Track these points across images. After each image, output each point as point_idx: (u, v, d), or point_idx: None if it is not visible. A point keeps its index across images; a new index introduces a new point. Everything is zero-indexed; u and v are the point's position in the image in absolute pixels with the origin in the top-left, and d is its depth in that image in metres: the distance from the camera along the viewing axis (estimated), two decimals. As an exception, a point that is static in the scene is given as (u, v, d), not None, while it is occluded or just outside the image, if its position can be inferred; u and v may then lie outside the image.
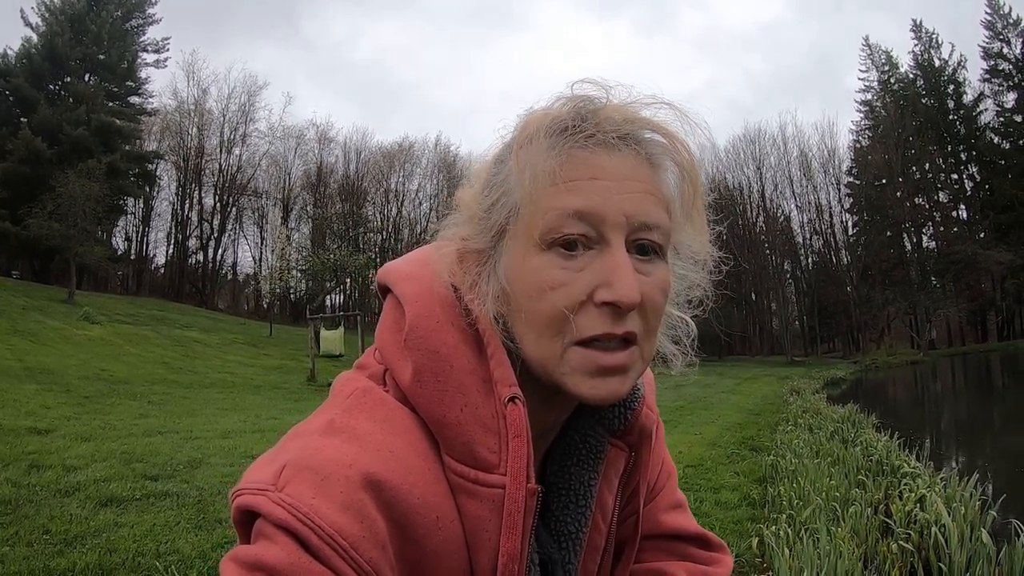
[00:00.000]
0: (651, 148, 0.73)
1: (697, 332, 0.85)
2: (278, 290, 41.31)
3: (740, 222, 64.11)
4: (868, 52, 65.58)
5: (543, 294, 0.69)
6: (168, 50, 53.51)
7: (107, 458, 6.93)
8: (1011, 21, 56.85)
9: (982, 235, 56.46)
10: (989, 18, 57.83)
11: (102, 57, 46.60)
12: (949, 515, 4.77)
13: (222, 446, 8.15)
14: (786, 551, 4.12)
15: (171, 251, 59.79)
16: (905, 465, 7.11)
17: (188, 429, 9.32)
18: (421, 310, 0.74)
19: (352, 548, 0.59)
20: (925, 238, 61.96)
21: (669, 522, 0.99)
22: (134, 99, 51.12)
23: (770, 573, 4.12)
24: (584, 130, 0.70)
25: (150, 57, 52.63)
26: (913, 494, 5.67)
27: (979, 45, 58.81)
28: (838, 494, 5.85)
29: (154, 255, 61.05)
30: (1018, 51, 56.69)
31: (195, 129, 58.62)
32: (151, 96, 53.45)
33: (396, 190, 65.61)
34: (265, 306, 47.97)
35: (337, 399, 0.74)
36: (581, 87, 0.74)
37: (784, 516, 5.27)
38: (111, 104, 47.58)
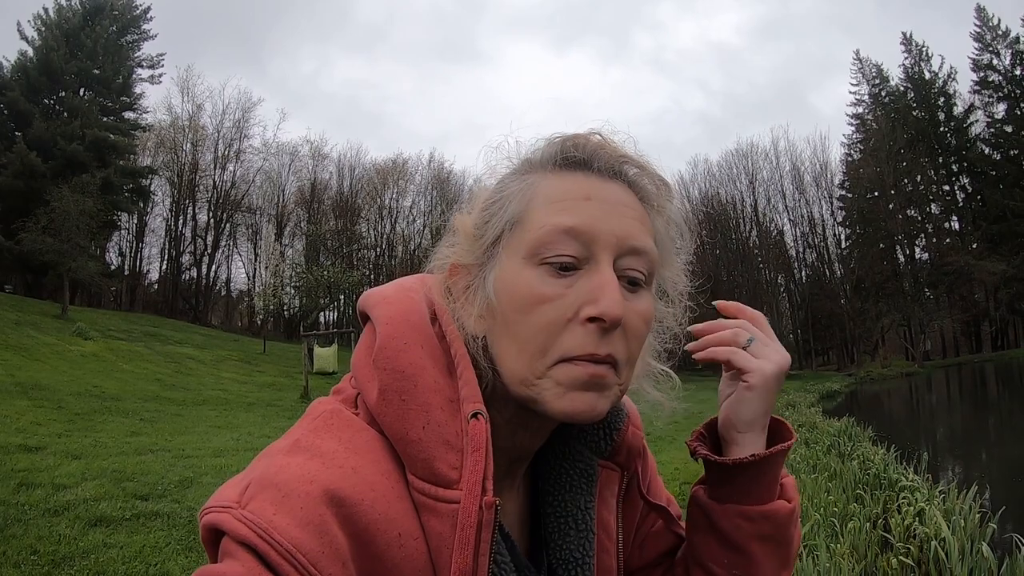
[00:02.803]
0: (640, 184, 0.78)
1: (680, 383, 0.88)
2: (272, 307, 41.20)
3: (733, 236, 64.41)
4: (859, 65, 66.21)
5: (532, 308, 0.71)
6: (163, 66, 53.60)
7: (97, 477, 6.86)
8: (1000, 33, 57.44)
9: (975, 246, 56.79)
10: (978, 30, 58.43)
11: (97, 72, 46.55)
12: (949, 528, 4.74)
13: (214, 465, 8.08)
14: (785, 568, 4.07)
15: (165, 267, 59.66)
16: (903, 478, 7.11)
17: (180, 447, 9.24)
18: (391, 331, 0.74)
19: (311, 564, 0.59)
20: (918, 250, 62.38)
21: None
22: (128, 114, 51.04)
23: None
24: (582, 159, 0.76)
25: (145, 72, 52.64)
26: (912, 508, 5.66)
27: (969, 57, 59.44)
28: (836, 509, 5.84)
29: (148, 271, 60.88)
30: (1007, 62, 57.26)
31: (189, 145, 58.61)
32: (145, 111, 53.36)
33: (390, 207, 65.70)
34: (259, 322, 47.93)
35: (305, 420, 0.74)
36: (575, 131, 0.79)
37: (783, 532, 5.22)
38: (106, 119, 47.44)
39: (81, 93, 46.54)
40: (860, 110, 66.22)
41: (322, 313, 55.53)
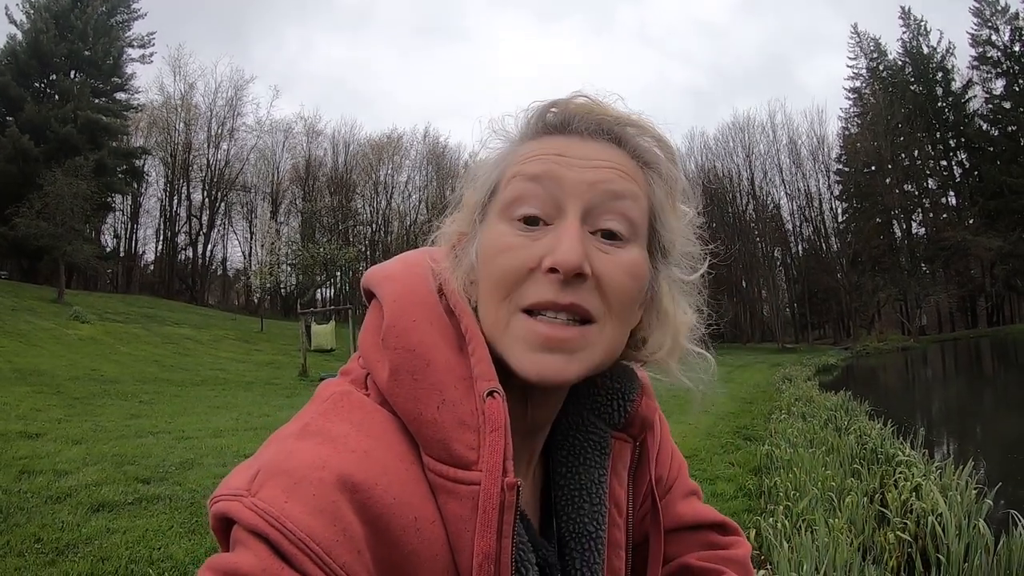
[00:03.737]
0: (632, 142, 0.76)
1: (716, 367, 0.86)
2: (268, 285, 41.16)
3: (730, 210, 64.37)
4: (857, 39, 65.80)
5: (496, 256, 0.71)
6: (153, 45, 53.25)
7: (99, 461, 6.87)
8: (999, 8, 57.04)
9: (971, 221, 56.80)
10: (977, 5, 58.02)
11: (87, 53, 46.14)
12: (946, 504, 4.78)
13: (214, 445, 8.09)
14: (784, 544, 4.12)
15: (160, 248, 59.74)
16: (900, 453, 7.15)
17: (180, 429, 9.25)
18: (399, 309, 0.73)
19: (325, 553, 0.58)
20: (915, 225, 62.53)
21: (686, 512, 0.99)
22: (120, 95, 50.65)
23: (769, 567, 4.11)
24: (559, 122, 0.76)
25: (135, 52, 52.21)
26: (908, 483, 5.70)
27: (967, 32, 59.10)
28: (834, 484, 5.89)
29: (143, 252, 60.96)
30: (1006, 38, 56.93)
31: (182, 124, 58.36)
32: (137, 92, 53.01)
33: (385, 182, 65.65)
34: (255, 301, 47.89)
35: (315, 403, 0.72)
36: (558, 94, 0.78)
37: (781, 508, 5.30)
38: (97, 101, 47.15)
39: (72, 75, 46.23)
40: (858, 84, 65.98)
41: (319, 290, 55.50)
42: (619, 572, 0.84)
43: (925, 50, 62.33)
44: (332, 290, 60.18)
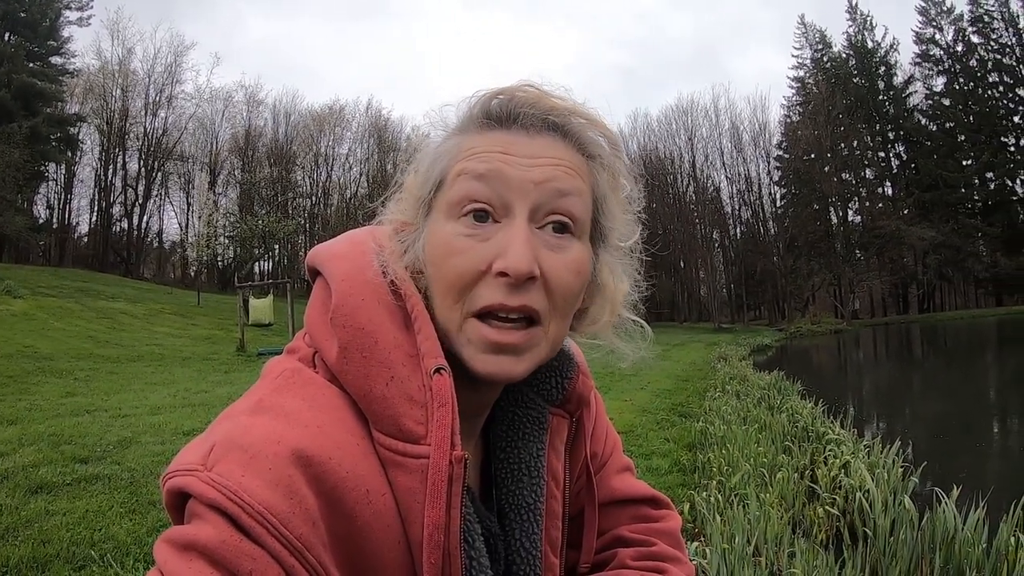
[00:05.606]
0: (577, 135, 0.78)
1: (652, 333, 0.90)
2: (205, 258, 40.10)
3: (670, 191, 65.04)
4: (803, 30, 67.09)
5: (446, 259, 0.73)
6: (91, 7, 50.68)
7: (35, 442, 6.67)
8: (944, 8, 58.87)
9: (906, 212, 58.63)
10: (923, 4, 59.74)
11: (23, 15, 43.83)
12: (873, 481, 4.99)
13: (152, 423, 7.93)
14: (717, 518, 4.24)
15: (95, 219, 57.30)
16: (830, 432, 7.37)
17: (117, 406, 9.03)
18: (347, 288, 0.75)
19: (282, 525, 0.59)
20: (851, 212, 64.01)
21: (619, 487, 1.01)
22: (56, 59, 48.22)
23: (702, 539, 4.25)
24: (504, 115, 0.77)
25: (73, 15, 49.65)
26: (838, 460, 5.91)
27: (912, 29, 60.94)
28: (766, 460, 6.04)
29: (77, 224, 58.40)
30: (949, 38, 58.88)
31: (119, 91, 55.78)
32: (73, 56, 50.52)
33: (326, 154, 64.06)
34: (192, 274, 46.66)
35: (266, 380, 0.74)
36: (508, 83, 0.79)
37: (714, 482, 5.44)
38: (32, 65, 44.86)
39: (7, 37, 43.81)
40: (801, 74, 67.23)
41: (257, 263, 54.40)
42: (557, 542, 0.87)
43: (870, 44, 63.95)
44: (270, 263, 59.00)
